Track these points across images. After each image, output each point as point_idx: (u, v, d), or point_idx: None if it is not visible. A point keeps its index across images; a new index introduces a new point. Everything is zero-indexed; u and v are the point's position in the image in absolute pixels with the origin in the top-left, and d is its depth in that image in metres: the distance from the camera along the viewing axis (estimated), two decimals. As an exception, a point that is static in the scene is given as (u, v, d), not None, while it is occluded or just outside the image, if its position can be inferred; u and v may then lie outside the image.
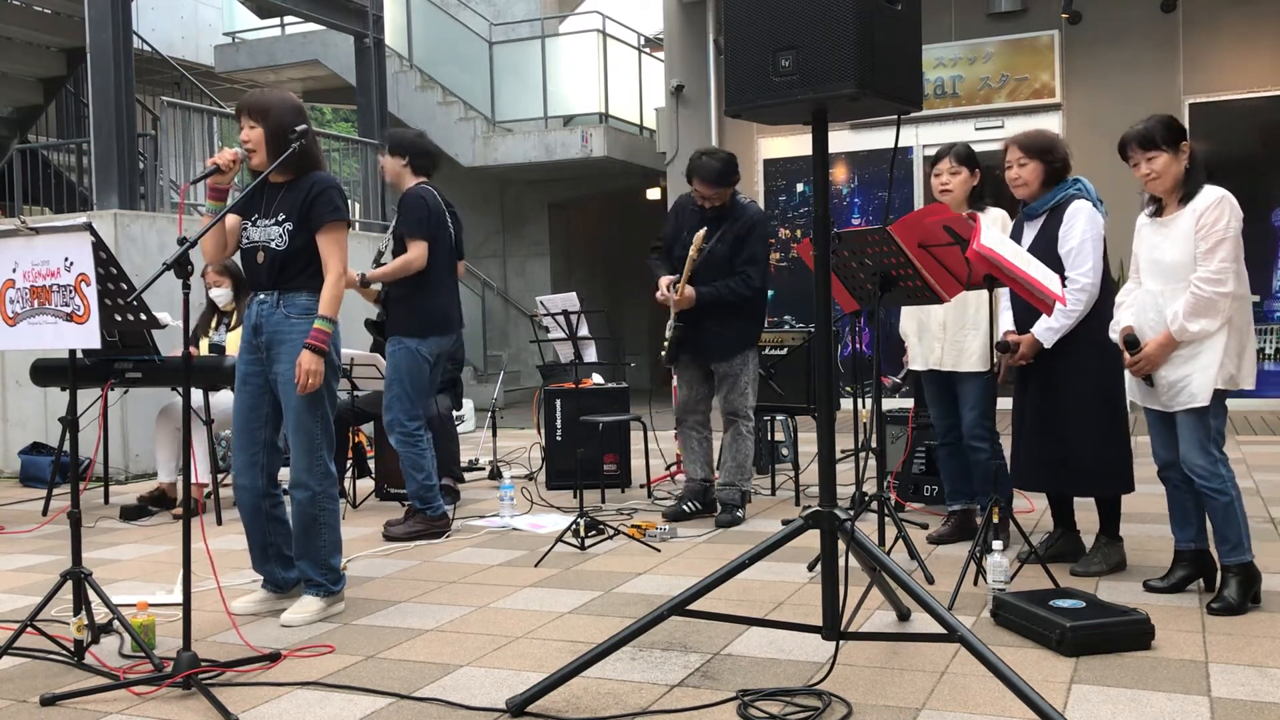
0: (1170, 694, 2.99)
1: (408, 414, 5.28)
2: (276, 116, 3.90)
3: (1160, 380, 3.83)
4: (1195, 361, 3.74)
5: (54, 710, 3.09)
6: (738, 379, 5.49)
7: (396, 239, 5.39)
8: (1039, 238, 4.35)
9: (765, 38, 2.88)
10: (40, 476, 7.36)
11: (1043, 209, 4.37)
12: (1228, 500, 3.72)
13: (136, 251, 7.84)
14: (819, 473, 3.10)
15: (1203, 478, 3.73)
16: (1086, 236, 4.22)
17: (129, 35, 8.34)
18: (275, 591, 4.11)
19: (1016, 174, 4.38)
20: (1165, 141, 3.78)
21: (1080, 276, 4.20)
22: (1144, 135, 3.81)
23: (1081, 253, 4.21)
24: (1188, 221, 3.75)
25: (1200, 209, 3.73)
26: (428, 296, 5.30)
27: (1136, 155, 3.83)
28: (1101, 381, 4.23)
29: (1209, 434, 3.75)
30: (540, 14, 14.90)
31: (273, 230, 3.92)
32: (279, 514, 4.05)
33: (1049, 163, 4.34)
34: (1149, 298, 3.87)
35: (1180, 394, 3.77)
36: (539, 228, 14.99)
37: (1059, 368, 4.25)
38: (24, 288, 3.59)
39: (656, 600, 3.95)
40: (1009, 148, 4.43)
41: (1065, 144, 4.44)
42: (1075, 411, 4.22)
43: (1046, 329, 4.22)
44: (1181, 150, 3.79)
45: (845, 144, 10.90)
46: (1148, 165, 3.81)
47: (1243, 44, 9.83)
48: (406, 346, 5.26)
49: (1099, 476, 4.25)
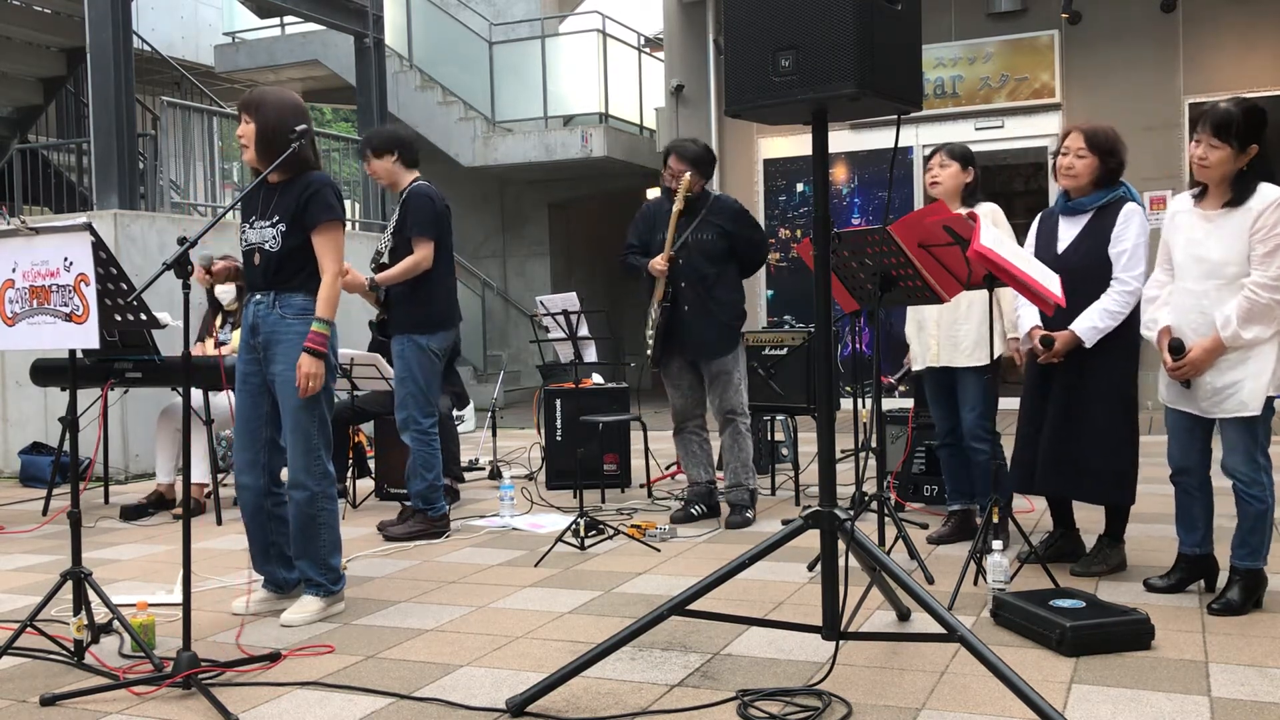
0: (1170, 694, 2.99)
1: (422, 411, 5.28)
2: (268, 113, 3.89)
3: (1203, 385, 3.67)
4: (1244, 368, 3.59)
5: (54, 710, 3.09)
6: (730, 377, 5.48)
7: (400, 238, 5.35)
8: (1086, 234, 4.22)
9: (765, 38, 2.88)
10: (40, 476, 7.36)
11: (1090, 206, 4.23)
12: (1263, 509, 3.65)
13: (136, 251, 7.84)
14: (819, 473, 3.10)
15: (1244, 484, 3.65)
16: (1140, 241, 4.13)
17: (129, 35, 8.34)
18: (276, 592, 4.11)
19: (1071, 163, 4.21)
20: (1238, 137, 3.58)
21: (1132, 280, 4.10)
22: (1221, 122, 3.60)
23: (1135, 256, 4.12)
24: (1242, 220, 3.58)
25: (1259, 209, 3.55)
26: (433, 293, 5.30)
27: (1203, 135, 3.64)
28: (1124, 386, 4.17)
29: (1257, 441, 3.63)
30: (540, 14, 14.90)
31: (267, 232, 3.92)
32: (281, 513, 4.04)
33: (1106, 163, 4.20)
34: (1191, 298, 3.70)
35: (1227, 401, 3.64)
36: (539, 228, 14.99)
37: (1089, 368, 4.14)
38: (23, 288, 3.59)
39: (656, 600, 3.95)
40: (1072, 133, 4.24)
41: (1125, 149, 4.27)
42: (1099, 415, 4.13)
43: (1090, 327, 4.09)
44: (1248, 151, 3.60)
45: (845, 144, 10.90)
46: (1206, 150, 3.62)
47: (1243, 44, 9.83)
48: (417, 343, 5.25)
49: (1113, 485, 4.17)
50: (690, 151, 5.49)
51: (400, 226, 5.33)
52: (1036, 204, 9.88)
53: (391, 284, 5.28)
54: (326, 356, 3.87)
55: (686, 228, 5.44)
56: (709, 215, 5.46)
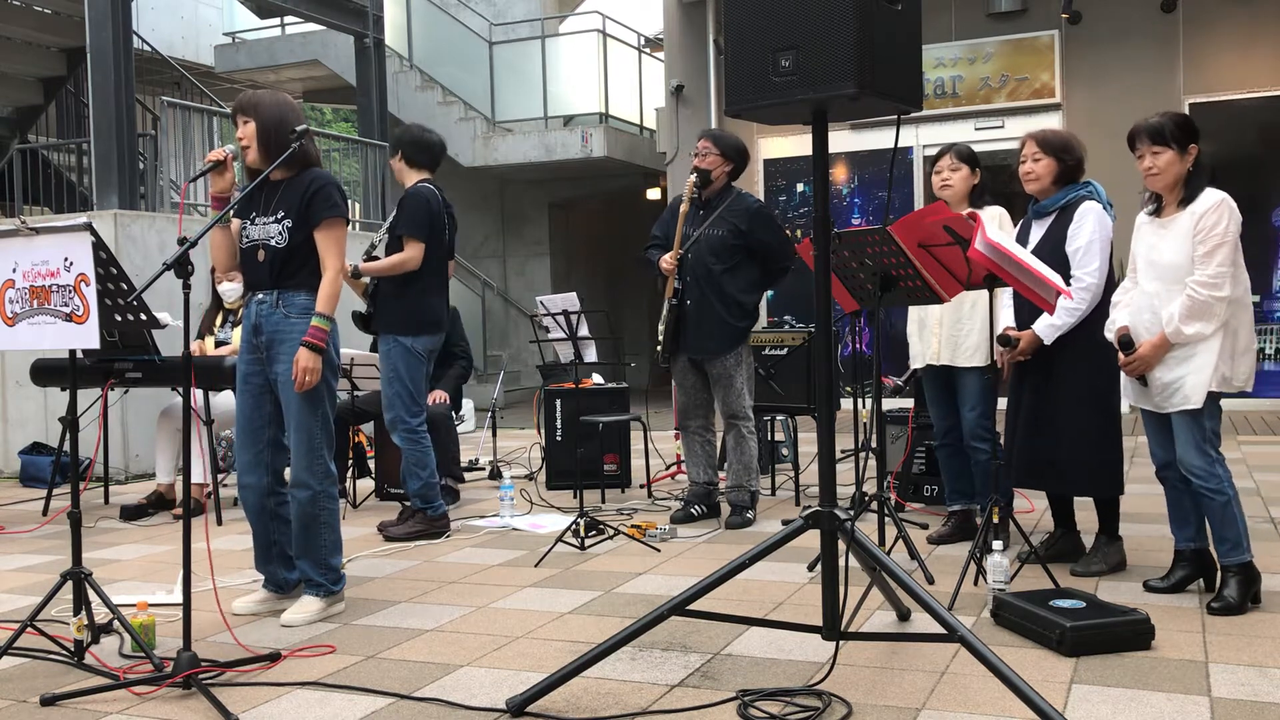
0: (1170, 694, 2.99)
1: (409, 411, 5.28)
2: (267, 111, 3.91)
3: (1154, 381, 3.83)
4: (1189, 363, 3.73)
5: (54, 710, 3.09)
6: (732, 380, 5.47)
7: (393, 236, 5.38)
8: (1046, 236, 4.36)
9: (765, 38, 2.88)
10: (40, 476, 7.36)
11: (1053, 207, 4.37)
12: (1225, 500, 3.72)
13: (136, 251, 7.84)
14: (819, 473, 3.10)
15: (1200, 478, 3.73)
16: (1095, 237, 4.22)
17: (129, 35, 8.34)
18: (276, 592, 4.11)
19: (1030, 168, 4.39)
20: (1174, 139, 3.77)
21: (1086, 276, 4.20)
22: (1155, 129, 3.80)
23: (1089, 252, 4.21)
24: (1186, 223, 3.75)
25: (1200, 211, 3.73)
26: (420, 295, 5.30)
27: (1143, 147, 3.82)
28: (1097, 382, 4.23)
29: (1204, 435, 3.74)
30: (540, 14, 14.90)
31: (272, 228, 3.93)
32: (284, 513, 4.04)
33: (1063, 161, 4.34)
34: (1145, 298, 3.87)
35: (1174, 395, 3.77)
36: (539, 228, 14.99)
37: (1056, 366, 4.25)
38: (23, 288, 3.59)
39: (656, 600, 3.95)
40: (1027, 141, 4.43)
41: (1082, 146, 4.43)
42: (1068, 411, 4.22)
43: (1048, 325, 4.23)
44: (1189, 152, 3.78)
45: (845, 144, 10.90)
46: (1151, 159, 3.80)
47: (1243, 44, 9.83)
48: (402, 344, 5.26)
49: (1088, 477, 4.25)
50: (723, 137, 5.58)
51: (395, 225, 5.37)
52: (1036, 204, 9.87)
53: (377, 276, 5.31)
54: (326, 352, 3.87)
55: (703, 222, 5.45)
56: (725, 212, 5.46)
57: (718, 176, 5.49)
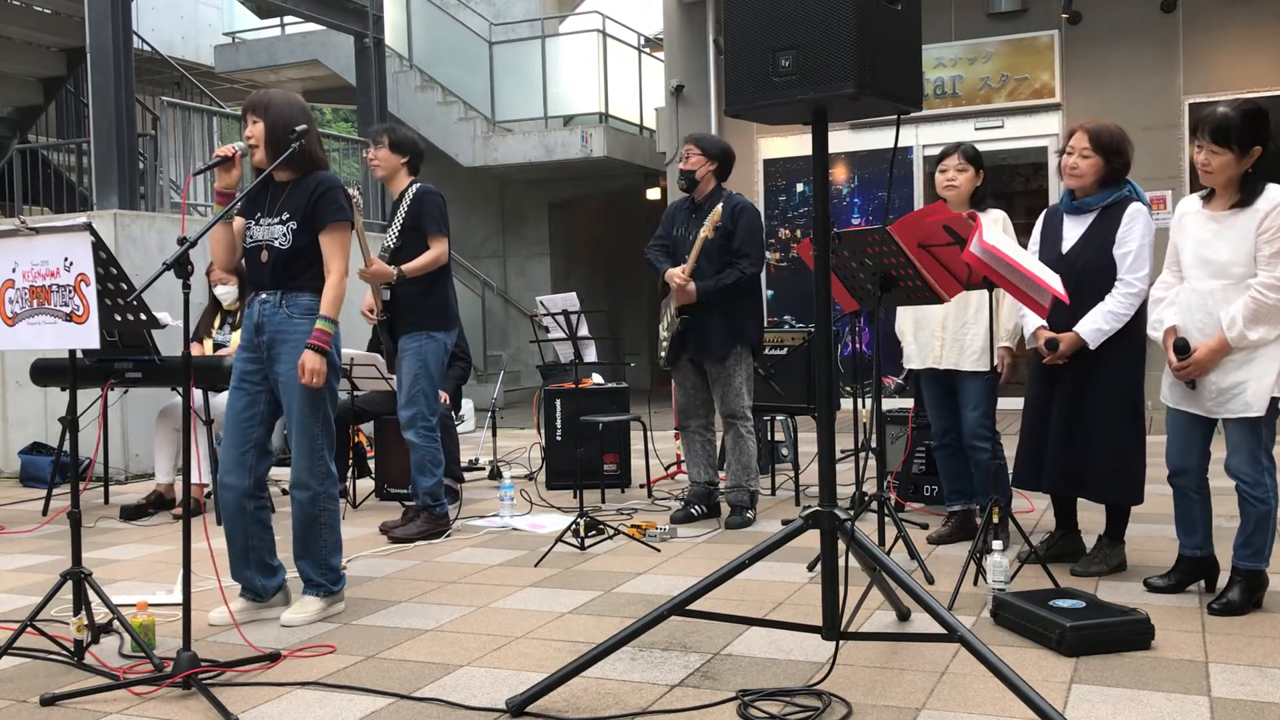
0: (1170, 694, 2.99)
1: (431, 408, 5.31)
2: (275, 112, 3.91)
3: (1208, 385, 3.66)
4: (1249, 369, 3.58)
5: (54, 710, 3.09)
6: (730, 380, 5.46)
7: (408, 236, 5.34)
8: (1091, 234, 4.20)
9: (765, 38, 2.88)
10: (40, 476, 7.36)
11: (1096, 205, 4.22)
12: (1267, 510, 3.63)
13: (136, 251, 7.84)
14: (819, 473, 3.10)
15: (1248, 485, 3.64)
16: (1145, 242, 4.11)
17: (129, 35, 8.34)
18: (254, 600, 3.99)
19: (1075, 163, 4.19)
20: (1238, 142, 3.56)
21: (1136, 281, 4.08)
22: (1218, 128, 3.57)
23: (1140, 257, 4.09)
24: (1249, 221, 3.57)
25: (1266, 210, 3.54)
26: (445, 289, 5.41)
27: (1204, 141, 3.61)
28: (1131, 387, 4.16)
29: (1260, 442, 3.62)
30: (540, 14, 14.90)
31: (277, 229, 3.92)
32: (262, 517, 3.95)
33: (1111, 163, 4.18)
34: (1196, 298, 3.70)
35: (1232, 401, 3.63)
36: (539, 228, 14.99)
37: (1095, 369, 4.13)
38: (23, 288, 3.59)
39: (656, 600, 3.95)
40: (1077, 133, 4.21)
41: (1132, 147, 4.26)
42: (1104, 416, 4.13)
43: (1094, 329, 4.08)
44: (1251, 154, 3.58)
45: (845, 144, 10.89)
46: (1207, 156, 3.61)
47: (1243, 44, 9.83)
48: (436, 340, 5.30)
49: (1116, 484, 4.17)
50: (709, 140, 5.63)
51: (413, 224, 5.35)
52: (1036, 204, 9.88)
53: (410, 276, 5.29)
54: (330, 355, 3.86)
55: (696, 224, 5.44)
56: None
57: (703, 176, 5.50)
